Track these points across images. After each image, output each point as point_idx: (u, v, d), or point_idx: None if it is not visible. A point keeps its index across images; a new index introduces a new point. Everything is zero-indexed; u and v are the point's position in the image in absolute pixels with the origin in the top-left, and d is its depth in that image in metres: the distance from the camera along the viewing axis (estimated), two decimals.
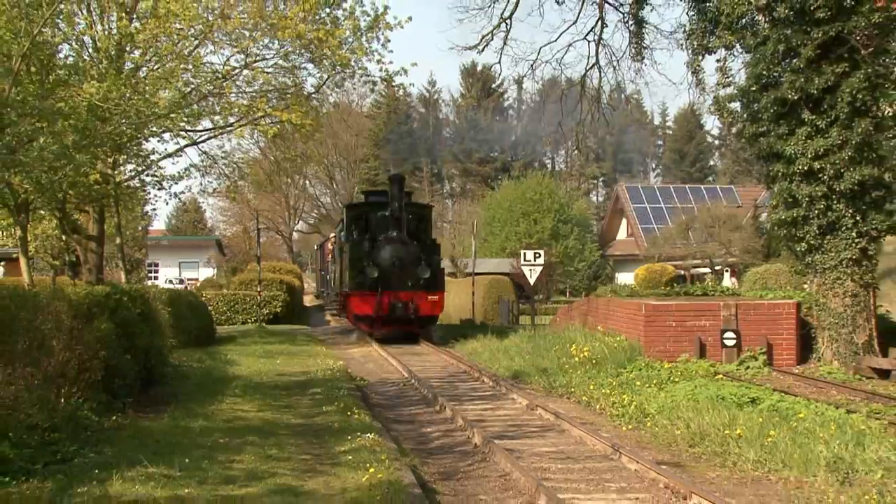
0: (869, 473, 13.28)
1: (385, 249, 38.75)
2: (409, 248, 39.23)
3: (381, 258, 38.47)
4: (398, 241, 39.05)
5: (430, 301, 39.15)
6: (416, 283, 38.43)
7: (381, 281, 37.75)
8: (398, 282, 38.18)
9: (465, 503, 12.64)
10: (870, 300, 28.22)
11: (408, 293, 38.19)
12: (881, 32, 27.51)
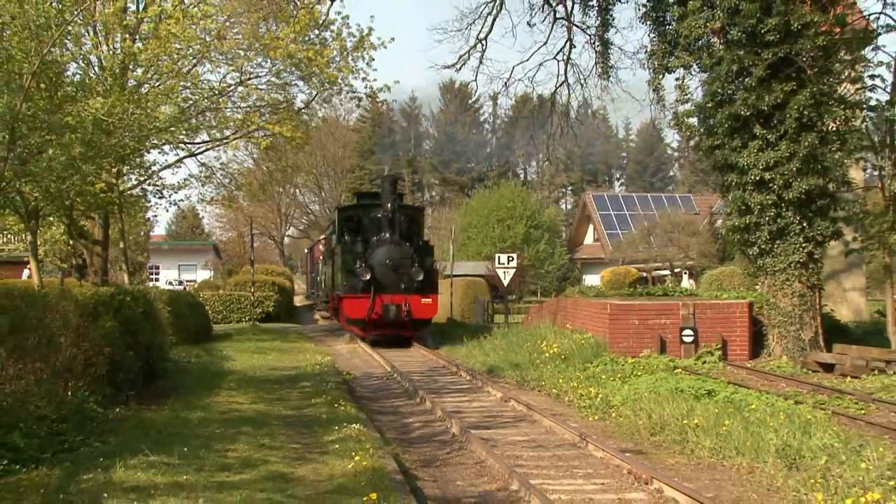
0: (814, 459, 13.33)
1: (378, 251, 36.19)
2: (403, 249, 36.52)
3: (373, 260, 35.76)
4: (391, 243, 36.48)
5: (424, 304, 36.09)
6: (410, 285, 35.77)
7: (373, 283, 35.12)
8: (391, 284, 35.61)
9: (444, 488, 12.65)
10: (815, 300, 28.39)
11: (401, 296, 35.49)
12: (825, 54, 27.71)
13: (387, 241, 36.42)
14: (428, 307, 36.26)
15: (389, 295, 35.23)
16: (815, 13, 27.18)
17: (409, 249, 36.72)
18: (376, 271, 35.23)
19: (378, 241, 36.71)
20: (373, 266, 35.28)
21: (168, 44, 26.33)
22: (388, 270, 35.43)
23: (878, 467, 12.64)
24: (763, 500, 12.10)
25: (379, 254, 35.91)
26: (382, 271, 35.38)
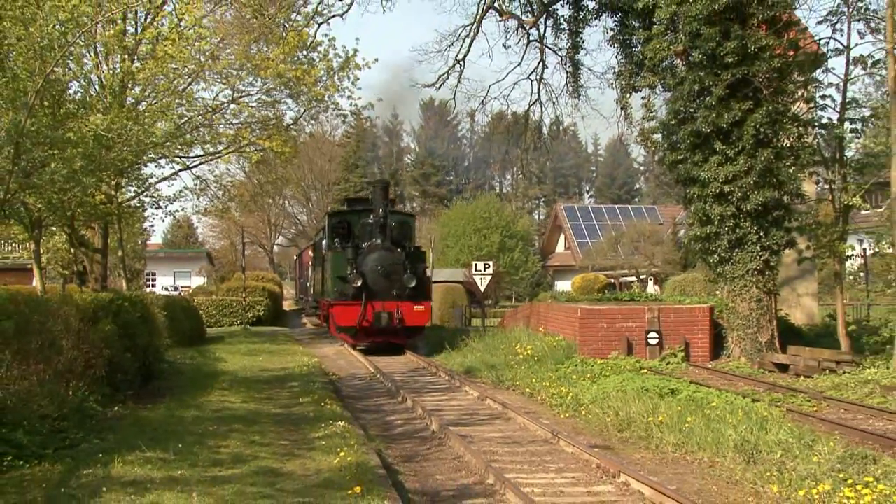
0: (770, 453, 13.41)
1: (369, 257, 33.16)
2: (395, 255, 33.59)
3: (365, 266, 32.81)
4: (383, 249, 33.47)
5: (417, 311, 33.24)
6: (402, 292, 32.91)
7: (365, 290, 32.27)
8: (383, 291, 32.77)
9: (424, 482, 12.67)
10: (771, 305, 28.50)
11: (393, 303, 32.62)
12: (780, 75, 27.87)
13: (378, 247, 33.54)
14: (421, 314, 33.63)
15: (381, 302, 32.58)
16: (770, 37, 27.35)
17: (402, 255, 33.92)
18: (368, 278, 32.53)
19: (369, 246, 33.76)
20: (364, 272, 32.54)
21: (164, 64, 26.25)
22: (380, 277, 32.73)
23: (829, 461, 12.73)
24: (723, 492, 12.16)
25: (370, 260, 33.13)
26: (374, 278, 32.67)
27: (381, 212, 33.27)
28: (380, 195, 34.07)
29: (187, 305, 39.00)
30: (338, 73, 32.83)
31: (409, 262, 33.56)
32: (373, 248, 33.41)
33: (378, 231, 33.40)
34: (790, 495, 11.69)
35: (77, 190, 21.82)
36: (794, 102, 29.25)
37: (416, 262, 34.36)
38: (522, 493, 11.38)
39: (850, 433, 16.65)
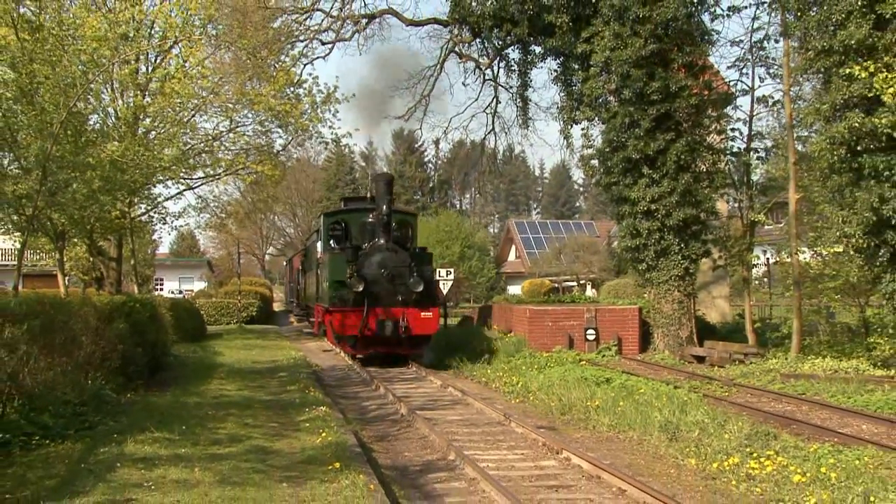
0: (689, 432, 13.46)
1: (371, 259, 26.27)
2: (399, 256, 26.62)
3: (366, 269, 26.01)
4: (386, 250, 26.54)
5: (424, 318, 26.06)
6: (408, 297, 26.00)
7: (367, 296, 25.48)
8: (387, 296, 25.93)
9: (395, 458, 12.65)
10: (691, 305, 28.73)
11: (398, 309, 25.64)
12: (697, 111, 28.19)
13: (381, 248, 26.55)
14: (428, 322, 26.20)
15: (385, 308, 25.64)
16: (689, 79, 27.65)
17: (407, 257, 26.94)
18: (370, 282, 25.64)
19: (371, 247, 26.83)
20: (366, 276, 25.71)
21: (172, 99, 26.42)
22: (384, 281, 25.93)
23: (738, 438, 12.81)
24: (649, 465, 12.20)
25: (373, 262, 26.23)
26: (377, 282, 25.86)
27: (385, 209, 26.59)
28: (383, 190, 26.98)
29: (190, 306, 38.80)
30: (320, 107, 33.10)
31: (415, 264, 26.73)
32: (375, 249, 26.51)
33: (381, 230, 26.71)
34: (705, 467, 11.76)
35: (95, 207, 21.91)
36: (709, 134, 29.56)
37: (422, 263, 27.62)
38: (479, 468, 11.37)
39: (755, 414, 16.78)
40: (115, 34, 23.00)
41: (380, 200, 26.92)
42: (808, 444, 12.80)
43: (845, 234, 20.19)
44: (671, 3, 26.59)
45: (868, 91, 18.52)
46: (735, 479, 11.06)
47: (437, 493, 10.52)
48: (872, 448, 13.13)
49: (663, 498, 9.77)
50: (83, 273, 34.20)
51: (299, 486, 9.85)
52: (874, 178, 18.90)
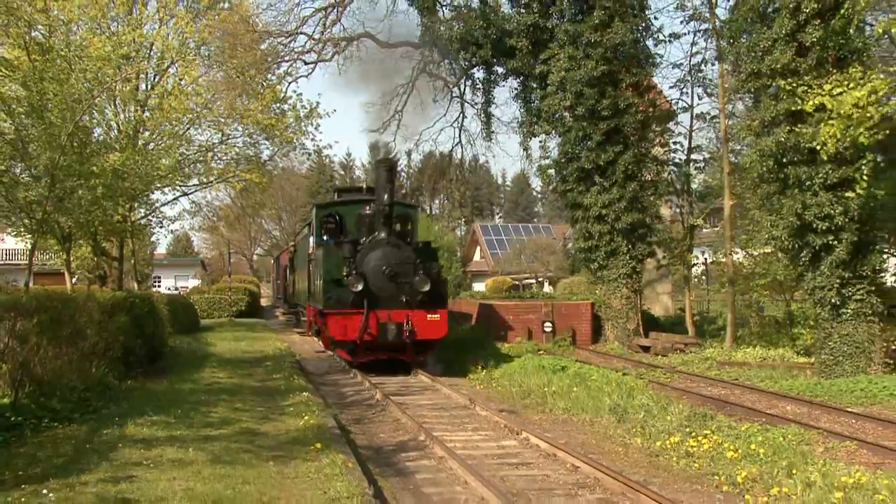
0: (636, 414, 13.55)
1: (372, 255, 21.45)
2: (403, 252, 21.78)
3: (366, 266, 21.28)
4: (388, 245, 21.70)
5: (431, 321, 21.38)
6: (413, 297, 21.21)
7: (367, 296, 20.82)
8: (390, 297, 21.22)
9: (370, 439, 12.66)
10: (637, 301, 28.92)
11: (402, 311, 21.00)
12: (642, 126, 28.45)
13: (382, 243, 21.70)
14: (435, 325, 21.40)
15: (387, 310, 20.94)
16: (635, 97, 27.89)
17: (411, 252, 22.12)
18: (370, 280, 20.97)
19: (371, 242, 21.92)
20: (366, 274, 21.05)
21: (169, 113, 26.43)
22: (386, 279, 21.15)
23: (679, 419, 12.91)
24: (600, 444, 12.27)
25: (373, 258, 21.43)
26: (378, 280, 21.12)
27: (386, 199, 21.73)
28: (384, 178, 22.02)
29: (185, 302, 38.53)
30: (304, 121, 33.00)
31: (420, 261, 21.89)
32: (376, 244, 21.70)
33: (381, 223, 21.95)
34: (650, 446, 11.85)
35: (99, 212, 21.79)
36: (654, 147, 29.83)
37: (427, 260, 22.52)
38: (447, 447, 11.40)
39: (694, 398, 16.93)
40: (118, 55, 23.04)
41: (380, 190, 21.84)
42: (740, 424, 12.92)
43: (773, 236, 20.41)
44: (619, 30, 26.82)
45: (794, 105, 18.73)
46: (676, 455, 11.15)
47: (409, 471, 10.54)
48: (795, 426, 13.28)
49: (612, 473, 9.84)
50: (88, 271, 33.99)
51: (284, 464, 9.85)
52: (798, 187, 19.12)
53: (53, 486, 8.55)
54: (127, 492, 8.44)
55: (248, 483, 8.90)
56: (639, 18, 28.25)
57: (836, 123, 17.02)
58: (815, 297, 19.51)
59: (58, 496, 8.19)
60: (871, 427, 14.23)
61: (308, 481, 9.00)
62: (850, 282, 18.78)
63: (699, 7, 30.31)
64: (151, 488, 8.56)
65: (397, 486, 9.72)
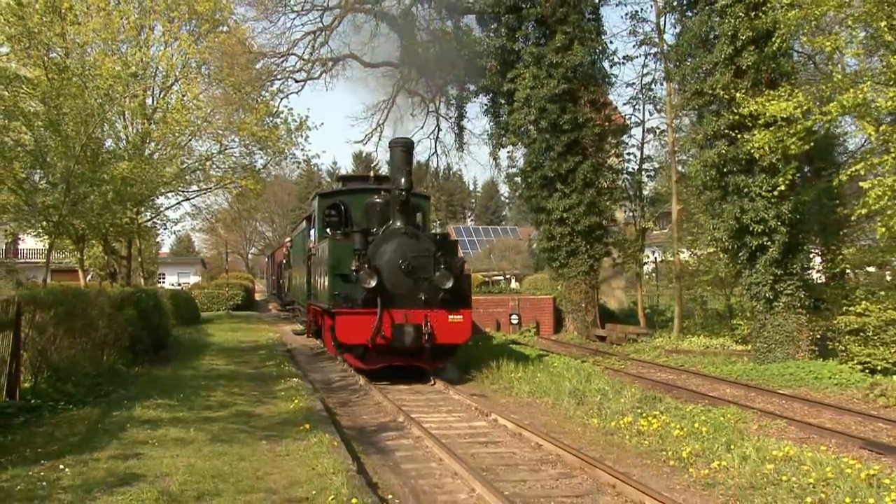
0: (593, 397, 13.62)
1: (387, 247, 17.08)
2: (422, 244, 17.36)
3: (381, 260, 16.93)
4: (405, 235, 17.27)
5: (453, 323, 17.12)
6: (434, 296, 16.94)
7: (381, 293, 16.63)
8: (407, 295, 16.93)
9: (354, 420, 12.66)
10: (594, 295, 29.06)
11: (420, 311, 16.79)
12: (599, 138, 28.62)
13: (398, 233, 17.23)
14: (458, 328, 17.09)
15: (404, 310, 16.70)
16: (593, 112, 28.06)
17: (431, 244, 17.55)
18: (385, 276, 16.69)
19: (385, 232, 17.37)
20: (379, 269, 16.74)
21: (172, 126, 26.62)
22: (402, 275, 16.84)
23: (631, 401, 13.02)
24: (561, 424, 12.34)
25: (388, 250, 16.98)
26: (394, 276, 16.78)
27: (404, 182, 17.12)
28: (400, 159, 17.49)
29: (187, 296, 38.39)
30: (294, 133, 33.16)
31: (441, 254, 17.41)
32: (390, 235, 17.17)
33: (397, 211, 17.43)
34: (606, 425, 11.93)
35: (109, 215, 21.97)
36: (609, 157, 29.99)
37: (449, 253, 18.03)
38: (423, 428, 11.43)
39: (645, 382, 17.07)
40: (127, 74, 23.51)
41: (396, 173, 17.48)
42: (686, 406, 13.05)
43: (715, 238, 20.61)
44: (578, 52, 26.98)
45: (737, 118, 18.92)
46: (629, 434, 11.24)
47: (389, 449, 10.57)
48: (734, 407, 13.45)
49: (571, 450, 9.91)
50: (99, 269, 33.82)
51: (276, 443, 9.86)
52: (737, 193, 19.32)
53: (69, 461, 8.57)
54: (135, 467, 8.46)
55: (244, 460, 8.91)
56: (596, 42, 28.42)
57: (767, 133, 17.25)
58: (752, 292, 19.73)
59: (73, 471, 8.21)
60: (798, 406, 14.43)
61: (298, 458, 9.02)
62: (782, 278, 19.01)
63: (649, 33, 30.61)
64: (156, 464, 8.58)
65: (378, 463, 9.75)
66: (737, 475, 8.72)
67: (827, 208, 21.86)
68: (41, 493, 7.47)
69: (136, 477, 8.06)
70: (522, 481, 8.90)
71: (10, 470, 8.25)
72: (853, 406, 14.35)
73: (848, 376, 16.64)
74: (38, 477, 8.00)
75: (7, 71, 17.98)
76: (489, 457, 10.11)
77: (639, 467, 9.63)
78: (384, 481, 8.82)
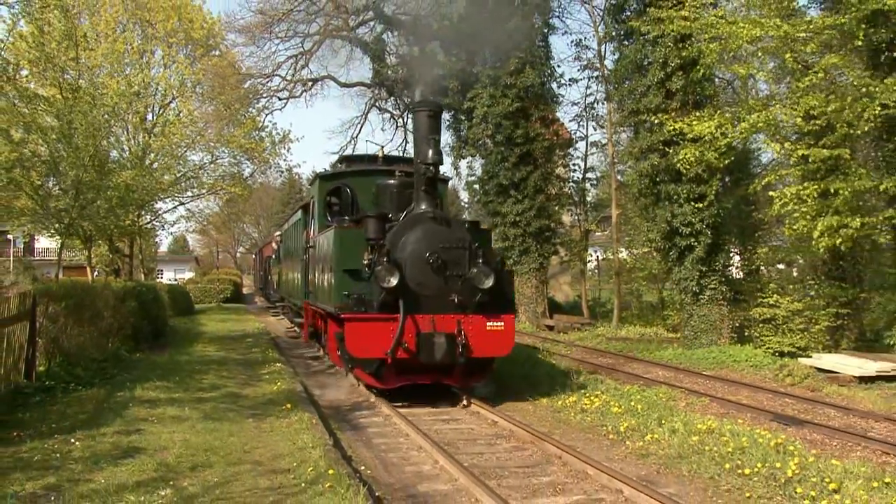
0: (543, 379, 13.72)
1: (411, 236, 11.66)
2: (455, 232, 12.01)
3: (404, 252, 11.54)
4: (435, 221, 11.91)
5: (492, 332, 11.69)
6: (469, 298, 11.61)
7: (403, 294, 11.22)
8: (436, 296, 11.57)
9: (331, 401, 12.60)
10: (544, 289, 29.22)
11: (452, 317, 11.51)
12: (548, 151, 28.74)
13: (425, 218, 11.97)
14: (498, 338, 11.86)
15: (431, 315, 11.53)
16: (542, 128, 28.22)
17: (465, 232, 12.24)
18: (408, 272, 11.50)
19: (409, 218, 12.12)
20: (401, 263, 11.47)
21: (170, 139, 26.88)
22: (431, 271, 11.63)
23: (577, 382, 13.18)
24: (514, 403, 12.40)
25: (412, 240, 11.70)
26: (420, 272, 11.60)
27: (431, 155, 11.97)
28: (427, 127, 12.26)
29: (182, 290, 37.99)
30: (277, 145, 33.55)
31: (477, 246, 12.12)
32: (415, 221, 12.07)
33: (423, 192, 12.32)
34: (554, 404, 12.04)
35: (113, 217, 22.41)
36: (557, 167, 30.18)
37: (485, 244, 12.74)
38: (393, 407, 11.44)
39: (588, 366, 17.17)
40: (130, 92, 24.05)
41: (421, 143, 12.23)
42: (624, 386, 13.16)
43: (649, 239, 20.90)
44: (530, 75, 27.16)
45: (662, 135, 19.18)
46: (573, 411, 11.37)
47: (362, 426, 10.59)
48: (665, 387, 13.62)
49: (522, 426, 10.00)
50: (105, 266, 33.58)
51: (261, 420, 9.85)
52: (667, 200, 19.57)
53: (79, 436, 8.60)
54: (136, 442, 8.47)
55: (233, 435, 8.91)
56: (545, 66, 28.59)
57: (691, 148, 17.51)
58: (681, 287, 20.00)
59: (83, 444, 8.26)
60: (719, 386, 14.66)
61: (280, 434, 9.03)
62: (706, 274, 19.30)
63: (592, 59, 30.99)
64: (155, 439, 8.57)
65: (352, 438, 9.78)
66: (667, 446, 8.86)
67: (744, 213, 22.27)
68: (55, 463, 7.51)
69: (137, 450, 8.06)
70: (480, 454, 8.98)
71: (28, 443, 8.31)
72: (765, 385, 14.62)
73: (761, 359, 16.93)
74: (52, 449, 8.05)
75: (28, 91, 18.26)
76: (451, 432, 10.17)
77: (582, 441, 9.74)
78: (358, 454, 8.86)
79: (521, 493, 7.39)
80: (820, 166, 15.70)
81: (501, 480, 7.81)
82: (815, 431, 10.58)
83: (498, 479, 7.82)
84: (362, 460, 8.58)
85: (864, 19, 14.54)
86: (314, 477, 7.00)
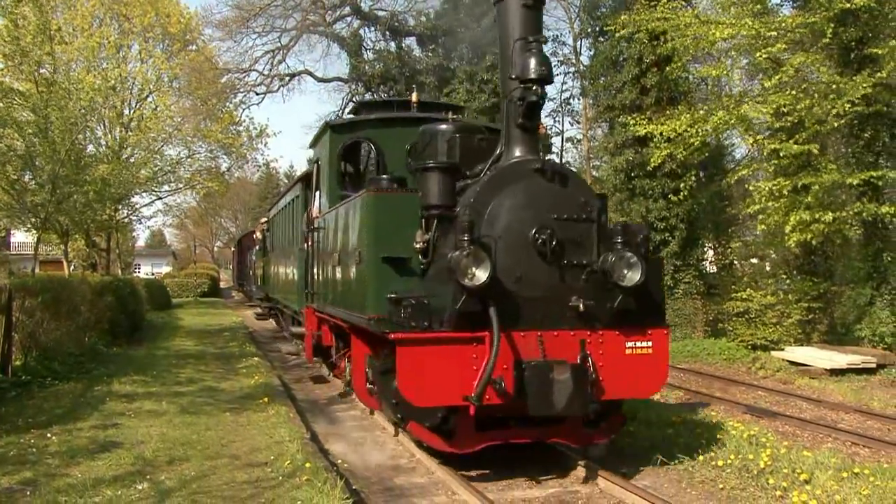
0: None
1: (509, 199, 6.08)
2: (579, 193, 6.47)
3: (494, 227, 5.97)
4: (543, 176, 6.21)
5: (633, 358, 6.22)
6: (602, 302, 6.19)
7: (496, 299, 5.54)
8: (548, 300, 6.04)
9: (308, 395, 12.57)
10: None
11: (573, 334, 6.02)
12: None
13: (527, 172, 6.29)
14: (644, 366, 6.41)
15: (537, 332, 5.96)
16: None
17: (592, 194, 6.76)
18: (502, 260, 5.90)
19: (499, 172, 6.47)
20: (489, 245, 5.81)
21: (146, 133, 26.91)
22: (540, 259, 6.02)
23: None
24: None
25: (507, 206, 6.13)
26: (521, 261, 5.99)
27: (535, 68, 6.23)
28: (522, 23, 6.48)
29: (160, 284, 37.86)
30: (255, 140, 33.56)
31: (605, 219, 6.74)
32: (511, 175, 6.42)
33: (517, 128, 6.69)
34: None
35: (90, 212, 22.35)
36: None
37: (603, 215, 6.77)
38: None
39: None
40: (107, 87, 24.20)
41: (514, 51, 6.67)
42: None
43: None
44: None
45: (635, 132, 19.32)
46: None
47: (339, 419, 10.56)
48: None
49: None
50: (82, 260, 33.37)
51: (239, 414, 9.80)
52: (642, 195, 19.72)
53: (56, 430, 8.54)
54: (113, 436, 8.38)
55: (210, 429, 8.85)
56: None
57: (664, 147, 17.63)
58: None
59: (59, 439, 8.18)
60: (693, 378, 14.79)
61: (258, 428, 8.98)
62: (681, 268, 19.47)
63: (567, 54, 31.01)
64: (133, 433, 8.50)
65: (329, 431, 9.74)
66: (642, 438, 8.92)
67: (718, 208, 22.44)
68: (32, 458, 7.44)
69: (114, 444, 7.99)
70: None
71: (3, 438, 8.22)
72: (739, 377, 14.78)
73: (735, 352, 17.09)
74: (28, 444, 7.97)
75: (2, 85, 18.08)
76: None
77: None
78: (334, 448, 8.84)
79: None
80: (792, 162, 15.89)
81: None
82: (787, 423, 10.71)
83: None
84: (339, 454, 8.54)
85: (834, 18, 14.71)
86: (291, 470, 6.98)
